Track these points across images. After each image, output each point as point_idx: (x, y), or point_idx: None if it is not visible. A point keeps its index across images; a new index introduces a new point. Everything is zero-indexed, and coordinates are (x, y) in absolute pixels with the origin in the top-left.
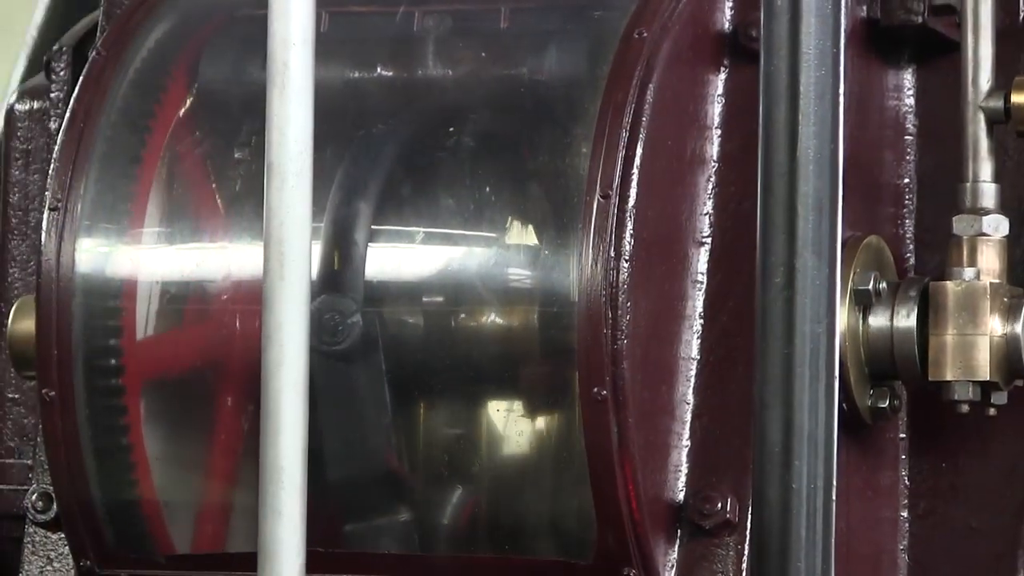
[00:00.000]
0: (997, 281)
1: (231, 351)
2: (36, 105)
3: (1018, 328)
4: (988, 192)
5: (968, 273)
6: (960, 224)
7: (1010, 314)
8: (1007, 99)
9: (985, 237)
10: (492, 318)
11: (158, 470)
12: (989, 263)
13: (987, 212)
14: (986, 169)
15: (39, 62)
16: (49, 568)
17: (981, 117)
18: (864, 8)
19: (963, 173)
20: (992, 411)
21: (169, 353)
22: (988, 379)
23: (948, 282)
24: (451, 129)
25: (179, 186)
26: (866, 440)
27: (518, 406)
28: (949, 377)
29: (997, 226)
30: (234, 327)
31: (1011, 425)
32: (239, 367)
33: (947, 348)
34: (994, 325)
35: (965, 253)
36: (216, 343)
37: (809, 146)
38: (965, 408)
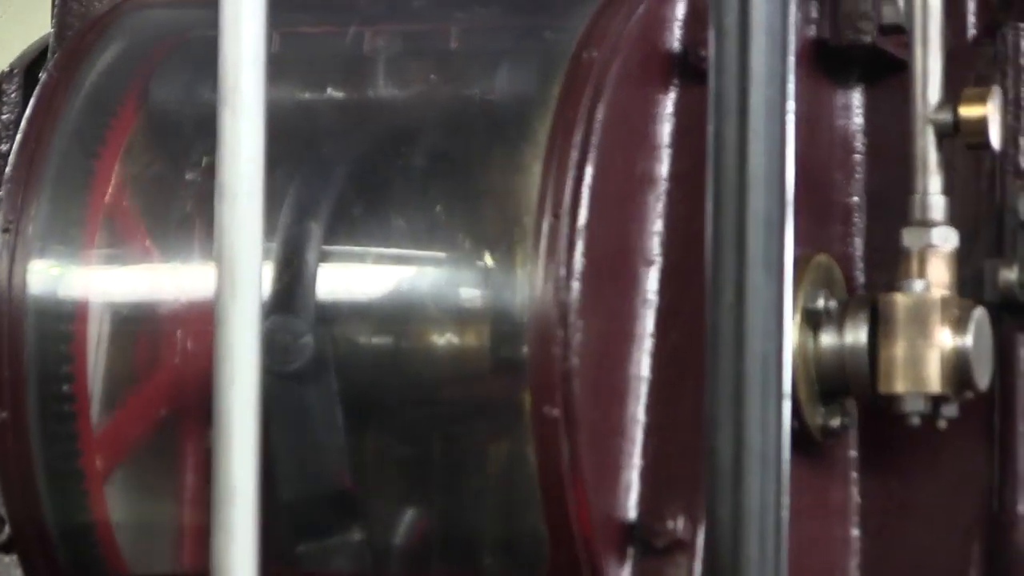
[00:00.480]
0: (947, 293)
1: (184, 372)
2: None
3: (968, 340)
4: (937, 204)
5: (918, 285)
6: (909, 236)
7: (960, 326)
8: (955, 112)
9: (934, 249)
10: (444, 338)
11: (111, 493)
12: (938, 275)
13: (936, 224)
14: (935, 182)
15: None
16: None
17: (930, 130)
18: (813, 28)
19: (912, 186)
20: (943, 424)
21: (122, 376)
22: (939, 392)
23: (898, 294)
24: (402, 150)
25: (131, 208)
26: (817, 458)
27: (470, 426)
28: (899, 390)
29: (946, 238)
30: (187, 348)
31: (961, 440)
32: (192, 388)
33: (897, 361)
34: (944, 337)
35: (915, 265)
36: (169, 365)
37: (758, 164)
38: (916, 421)
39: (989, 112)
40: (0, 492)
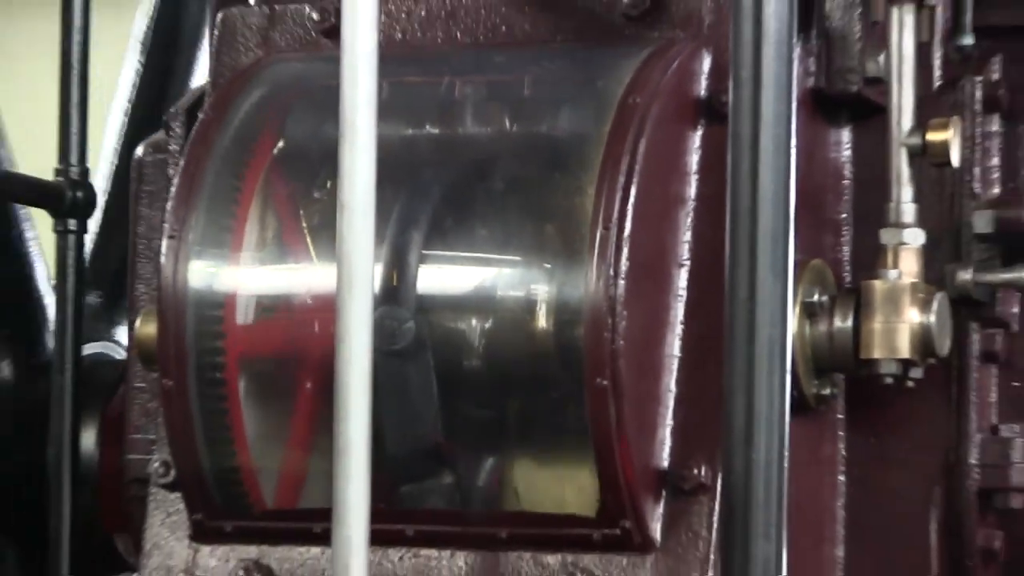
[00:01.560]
0: (915, 280)
1: (311, 352)
2: (158, 156)
3: (931, 318)
4: (908, 211)
5: (892, 274)
6: (886, 235)
7: (925, 307)
8: (924, 137)
9: (906, 245)
10: (518, 324)
11: (253, 443)
12: (909, 266)
13: (908, 226)
14: (907, 193)
15: (137, 121)
16: (168, 521)
17: (903, 152)
18: (811, 79)
19: (889, 196)
20: (911, 383)
21: (261, 353)
22: (908, 357)
23: (876, 281)
24: (484, 175)
25: (270, 219)
26: (812, 420)
27: (537, 393)
28: (877, 356)
29: (916, 237)
30: (314, 332)
31: (926, 407)
32: (317, 364)
33: (875, 334)
34: (912, 315)
35: (890, 258)
36: (299, 345)
37: (767, 189)
38: (890, 380)
39: (951, 137)
40: (168, 444)
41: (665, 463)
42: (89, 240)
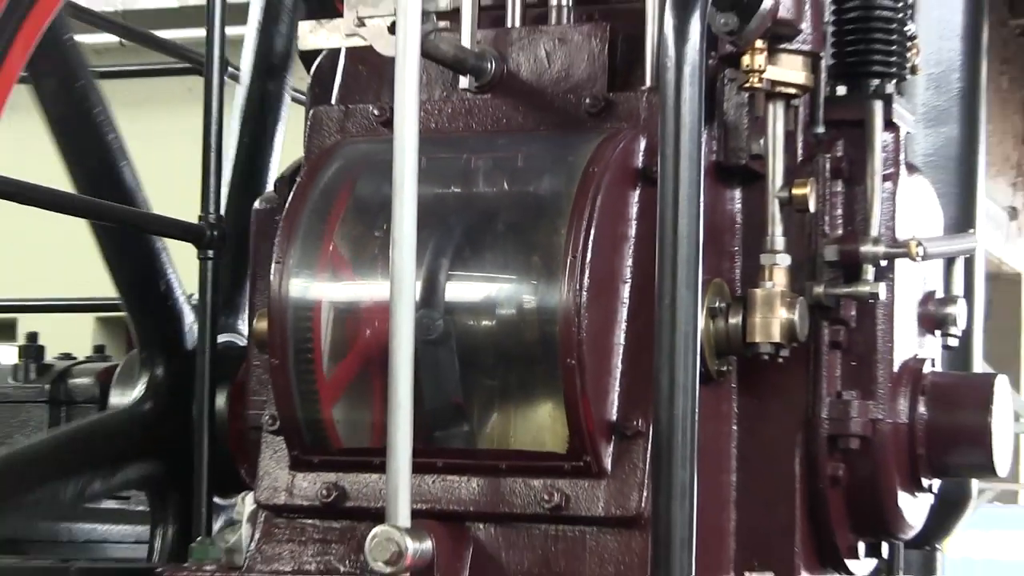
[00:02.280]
0: (784, 290)
1: (372, 340)
2: (269, 207)
3: (795, 315)
4: (779, 242)
5: (768, 285)
6: (764, 259)
7: (791, 307)
8: (790, 192)
9: (777, 266)
10: (514, 322)
11: (332, 403)
12: (779, 280)
13: (779, 252)
14: (779, 230)
15: (241, 185)
16: (275, 456)
17: (776, 202)
18: (714, 155)
19: (766, 232)
20: (780, 360)
21: (337, 341)
22: (778, 341)
23: (757, 290)
24: (491, 220)
25: (344, 250)
26: (714, 388)
27: (527, 369)
28: (758, 340)
29: (784, 260)
30: (374, 327)
31: (791, 379)
32: (377, 348)
33: (756, 325)
34: (782, 312)
35: (767, 274)
36: (364, 336)
37: (683, 230)
38: (766, 357)
39: (808, 192)
40: (274, 403)
41: (614, 417)
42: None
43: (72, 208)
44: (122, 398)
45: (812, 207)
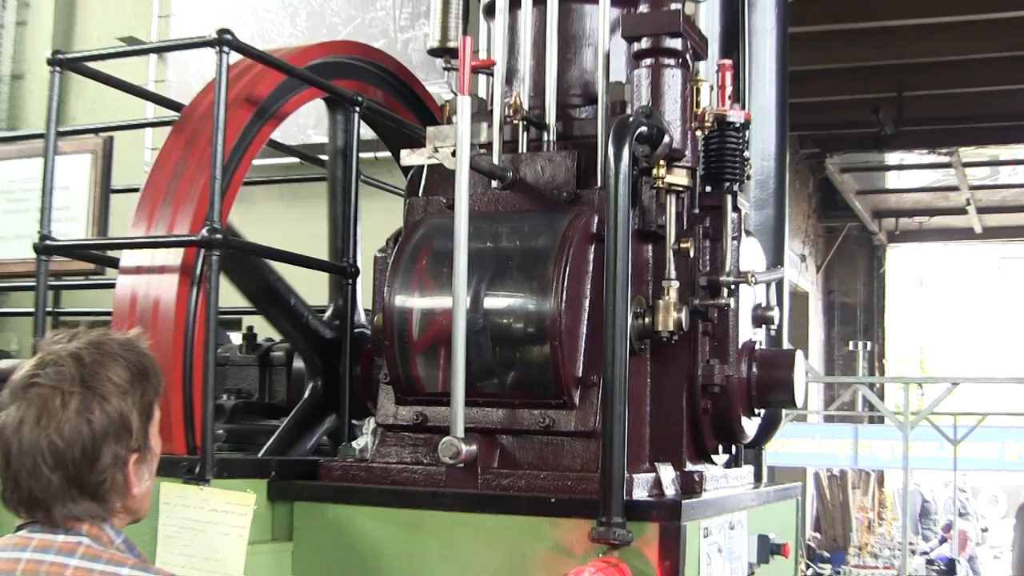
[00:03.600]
0: (675, 301)
1: (443, 331)
2: (383, 255)
3: (682, 315)
4: (673, 272)
5: (666, 298)
6: (664, 283)
7: (679, 310)
8: (680, 245)
9: (672, 286)
10: (523, 320)
11: (420, 365)
12: (672, 295)
13: (672, 280)
14: (672, 267)
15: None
16: (387, 396)
17: (670, 251)
18: (636, 225)
19: (665, 268)
20: (674, 341)
21: (423, 331)
22: (672, 330)
23: (660, 300)
24: (508, 262)
25: (426, 279)
26: (636, 359)
27: (530, 347)
28: (660, 329)
29: (675, 284)
30: (444, 323)
31: (681, 353)
32: (445, 335)
33: (660, 321)
34: (674, 314)
35: (665, 291)
36: (437, 327)
37: (619, 268)
38: (666, 338)
39: (689, 246)
40: (386, 364)
41: (580, 373)
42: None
43: (282, 257)
44: (299, 362)
45: (692, 254)
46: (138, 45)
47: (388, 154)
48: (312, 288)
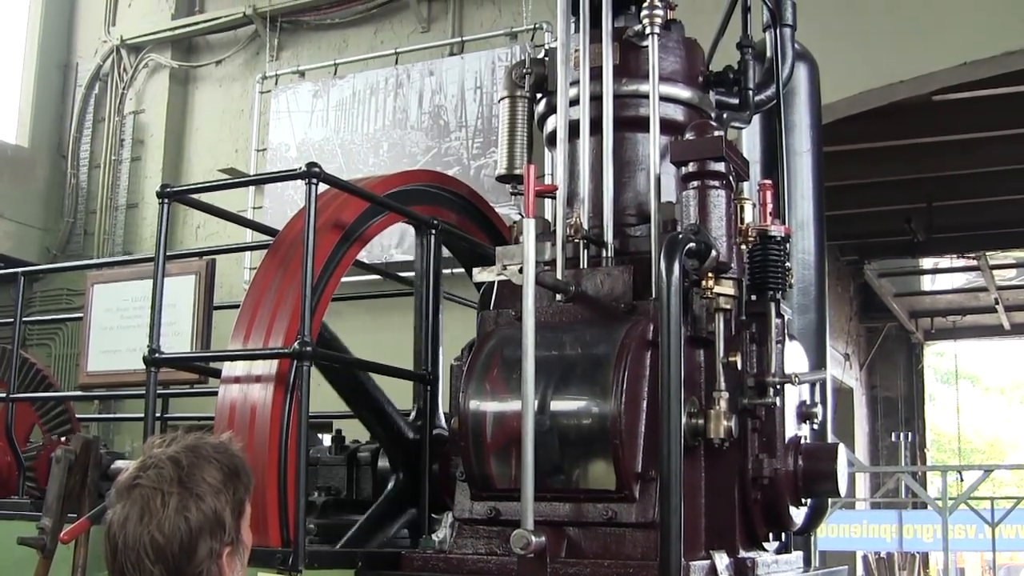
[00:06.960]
0: (725, 411)
1: (513, 431)
2: (457, 363)
3: (732, 424)
4: (722, 384)
5: (717, 407)
6: (715, 394)
7: (728, 419)
8: (728, 358)
9: (722, 397)
10: (588, 419)
11: (494, 463)
12: (722, 405)
13: (722, 391)
14: (722, 378)
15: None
16: (463, 492)
17: (719, 362)
18: (689, 332)
19: (716, 379)
20: (725, 447)
21: (496, 432)
22: (723, 437)
23: (711, 410)
24: (572, 365)
25: (497, 384)
26: (690, 455)
27: (595, 445)
28: (712, 436)
29: (724, 395)
30: (514, 424)
31: (732, 449)
32: (515, 435)
33: (711, 429)
34: (724, 423)
35: (715, 401)
36: (509, 428)
37: (674, 372)
38: (719, 443)
39: (737, 359)
40: (462, 462)
41: (639, 469)
42: None
43: (367, 367)
44: (384, 461)
45: (740, 366)
46: (237, 177)
47: (463, 270)
48: (397, 391)
